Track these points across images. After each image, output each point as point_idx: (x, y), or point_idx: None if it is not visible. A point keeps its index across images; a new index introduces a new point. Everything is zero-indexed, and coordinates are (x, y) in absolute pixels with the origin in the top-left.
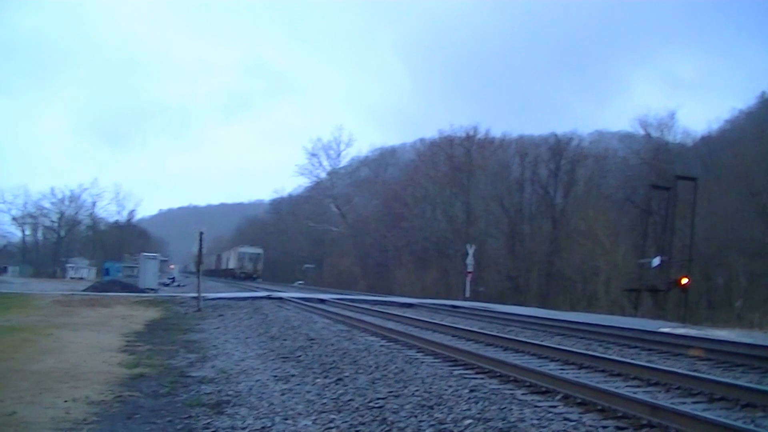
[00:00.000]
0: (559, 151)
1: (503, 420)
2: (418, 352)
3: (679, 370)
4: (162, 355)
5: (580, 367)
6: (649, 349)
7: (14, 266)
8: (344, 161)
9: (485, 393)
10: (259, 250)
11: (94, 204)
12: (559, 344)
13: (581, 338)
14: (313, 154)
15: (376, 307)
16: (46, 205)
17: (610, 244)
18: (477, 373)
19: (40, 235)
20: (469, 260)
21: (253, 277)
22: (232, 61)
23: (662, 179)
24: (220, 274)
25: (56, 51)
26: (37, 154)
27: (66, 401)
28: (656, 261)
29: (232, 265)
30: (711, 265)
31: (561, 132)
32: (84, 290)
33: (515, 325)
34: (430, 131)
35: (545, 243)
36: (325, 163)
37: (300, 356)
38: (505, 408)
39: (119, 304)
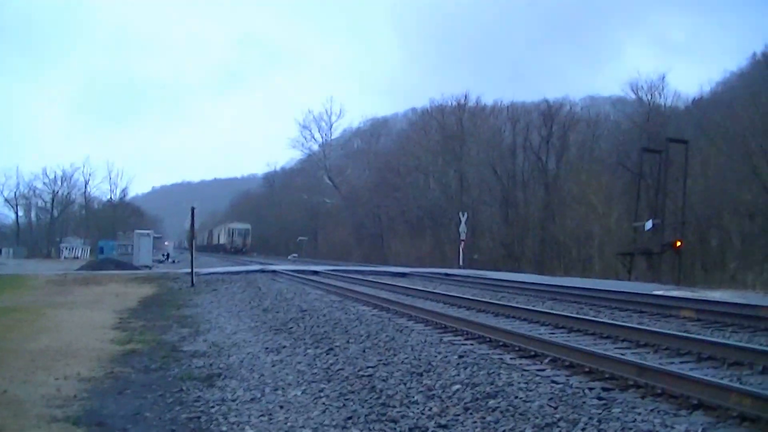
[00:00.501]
0: (551, 117)
1: (491, 384)
2: (409, 320)
3: (668, 331)
4: (155, 330)
5: (570, 330)
6: (641, 312)
7: (8, 248)
8: (336, 133)
9: (474, 359)
10: (247, 226)
11: (86, 183)
12: (550, 309)
13: (573, 302)
14: (305, 127)
15: (369, 277)
16: (39, 185)
17: (604, 209)
18: (467, 339)
19: (33, 215)
20: (463, 228)
21: (243, 250)
22: (224, 35)
23: (654, 143)
24: (212, 249)
25: (48, 29)
26: (29, 134)
27: (57, 379)
28: (649, 224)
29: (222, 240)
30: (705, 227)
31: (553, 98)
32: (78, 269)
33: (508, 292)
34: (422, 101)
35: (539, 209)
36: (317, 135)
37: (292, 328)
38: (493, 373)
39: (113, 282)
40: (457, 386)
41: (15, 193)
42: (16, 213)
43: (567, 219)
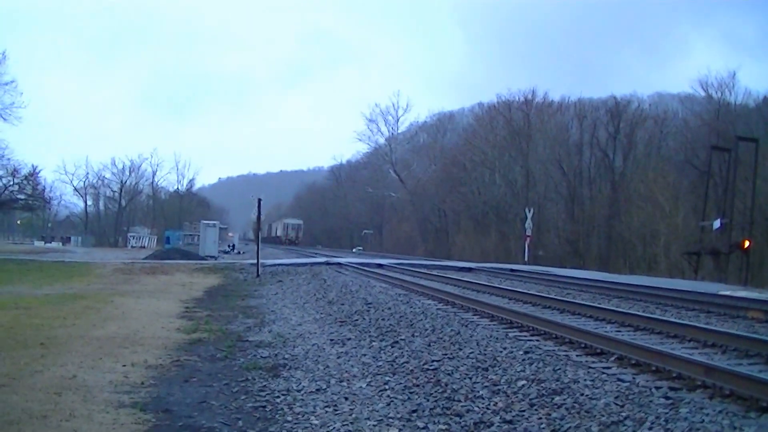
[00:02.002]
0: (618, 114)
1: (557, 381)
2: (474, 315)
3: (736, 332)
4: (220, 320)
5: (636, 329)
6: (708, 312)
7: (77, 236)
8: (402, 127)
9: (540, 354)
10: (299, 221)
11: (154, 173)
12: (616, 307)
13: (639, 301)
14: (372, 120)
15: (434, 272)
16: (107, 175)
17: (670, 207)
18: (532, 335)
19: (101, 205)
20: (528, 224)
21: (296, 242)
22: (292, 30)
23: (723, 141)
24: (270, 241)
25: (117, 23)
26: (99, 125)
27: (125, 365)
28: (717, 223)
29: (279, 233)
30: None
31: (620, 94)
32: (145, 258)
33: (573, 289)
34: (488, 96)
35: (605, 206)
36: (384, 128)
37: (357, 320)
38: (559, 369)
39: (179, 272)
40: (523, 382)
41: (84, 182)
42: (85, 202)
43: (633, 217)
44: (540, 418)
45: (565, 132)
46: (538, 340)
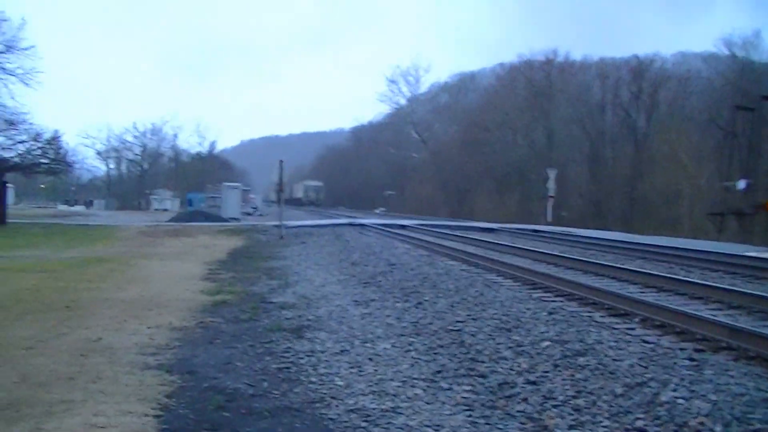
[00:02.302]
0: (640, 74)
1: (581, 342)
2: (498, 275)
3: (762, 293)
4: (244, 282)
5: (660, 290)
6: (733, 273)
7: (100, 200)
8: (424, 87)
9: (564, 316)
10: (320, 183)
11: (175, 136)
12: (640, 268)
13: (663, 262)
14: (393, 81)
15: (456, 233)
16: (129, 138)
17: (694, 168)
18: (556, 296)
19: (124, 168)
20: (551, 185)
21: (316, 204)
22: None
23: (747, 100)
24: (292, 202)
25: None
26: (120, 90)
27: (149, 327)
28: (742, 184)
29: (299, 195)
30: None
31: (643, 54)
32: (168, 221)
33: (597, 249)
34: (509, 55)
35: (627, 167)
36: (405, 89)
37: (380, 281)
38: (582, 330)
39: (202, 234)
40: (547, 342)
41: (106, 146)
42: (107, 166)
43: (656, 177)
44: (564, 379)
45: (587, 92)
46: (561, 301)
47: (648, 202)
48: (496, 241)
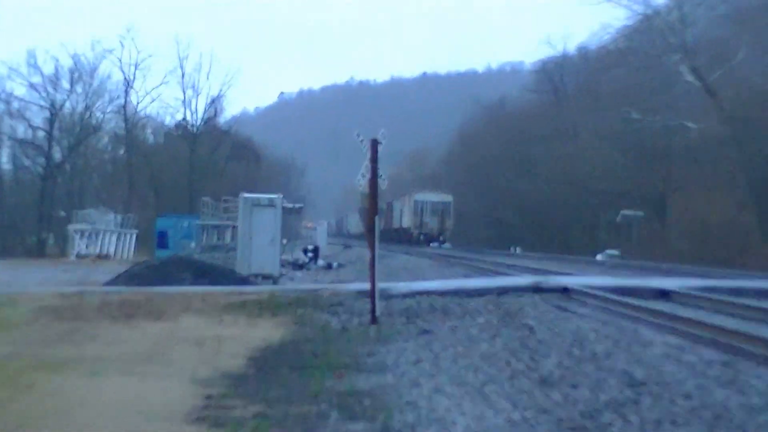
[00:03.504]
0: None
1: None
2: None
3: None
4: (285, 427)
5: None
6: None
7: None
8: None
9: None
10: (447, 198)
11: (129, 84)
12: None
13: None
14: None
15: None
16: (19, 91)
17: None
18: None
19: (7, 162)
20: None
21: (439, 239)
22: None
23: None
24: (390, 235)
25: None
26: None
27: None
28: None
29: (406, 221)
30: None
31: None
32: (109, 282)
33: None
34: None
35: None
36: None
37: (610, 425)
38: None
39: (189, 313)
40: None
41: None
42: None
43: None
44: None
45: None
46: None
47: None
48: None
